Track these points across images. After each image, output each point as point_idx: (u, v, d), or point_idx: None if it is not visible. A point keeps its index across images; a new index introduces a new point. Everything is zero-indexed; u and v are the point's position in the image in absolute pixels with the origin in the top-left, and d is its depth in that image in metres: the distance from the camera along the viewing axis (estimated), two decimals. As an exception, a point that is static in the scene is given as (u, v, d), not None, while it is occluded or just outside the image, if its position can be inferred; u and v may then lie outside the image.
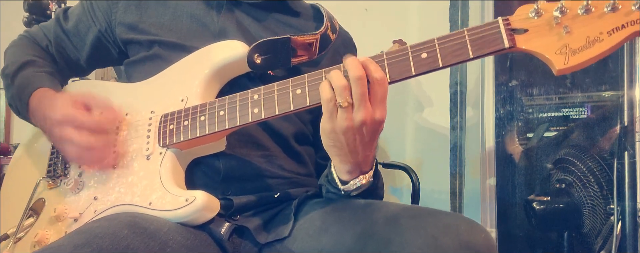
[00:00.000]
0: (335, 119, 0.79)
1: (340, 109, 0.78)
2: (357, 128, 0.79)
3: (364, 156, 0.83)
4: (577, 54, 0.71)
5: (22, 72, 1.06)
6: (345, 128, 0.78)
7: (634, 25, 0.69)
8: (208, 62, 0.96)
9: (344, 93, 0.77)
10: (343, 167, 0.85)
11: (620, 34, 0.70)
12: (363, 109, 0.78)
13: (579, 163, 1.54)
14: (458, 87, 1.86)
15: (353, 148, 0.81)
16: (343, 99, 0.77)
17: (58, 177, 1.01)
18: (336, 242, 0.82)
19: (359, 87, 0.77)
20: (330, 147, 0.83)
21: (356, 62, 0.79)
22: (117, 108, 0.97)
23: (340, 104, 0.78)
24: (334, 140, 0.81)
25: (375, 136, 0.82)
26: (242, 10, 1.08)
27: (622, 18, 0.70)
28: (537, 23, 0.75)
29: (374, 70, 0.78)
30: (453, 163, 1.86)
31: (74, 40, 1.13)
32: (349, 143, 0.80)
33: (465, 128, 1.88)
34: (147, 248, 0.76)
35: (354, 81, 0.77)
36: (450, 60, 0.78)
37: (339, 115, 0.78)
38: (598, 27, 0.71)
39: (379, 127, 0.80)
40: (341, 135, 0.79)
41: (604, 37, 0.70)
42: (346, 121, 0.78)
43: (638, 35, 0.70)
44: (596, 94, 1.62)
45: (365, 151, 0.82)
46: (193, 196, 0.86)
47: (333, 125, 0.79)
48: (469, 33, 0.78)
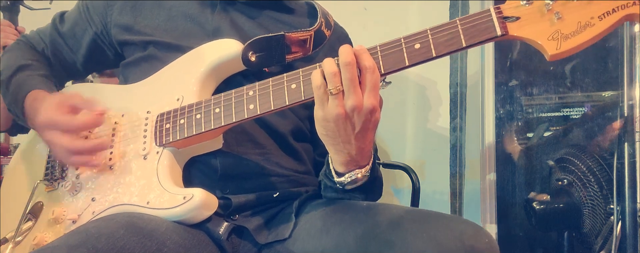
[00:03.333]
0: (327, 105, 0.79)
1: (331, 95, 0.78)
2: (348, 116, 0.79)
3: (359, 148, 0.83)
4: (569, 39, 0.72)
5: (16, 77, 1.06)
6: (336, 115, 0.79)
7: (624, 9, 0.70)
8: (203, 61, 0.96)
9: (334, 79, 0.78)
10: (337, 157, 0.86)
11: (611, 18, 0.70)
12: (353, 96, 0.78)
13: (579, 163, 1.53)
14: (458, 87, 1.85)
15: (346, 138, 0.81)
16: (333, 86, 0.78)
17: (56, 179, 1.01)
18: (338, 243, 0.82)
19: (348, 72, 0.77)
20: (324, 136, 0.84)
21: (348, 49, 0.79)
22: (105, 108, 0.96)
23: (331, 91, 0.78)
24: (326, 128, 0.82)
25: (368, 126, 0.81)
26: (236, 9, 1.08)
27: (612, 2, 0.70)
28: (528, 10, 0.75)
29: (364, 59, 0.79)
30: (453, 164, 1.86)
31: (70, 42, 1.14)
32: (340, 132, 0.81)
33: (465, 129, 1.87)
34: (144, 248, 0.76)
35: (343, 66, 0.78)
36: (443, 50, 0.79)
37: (330, 102, 0.79)
38: (589, 12, 0.71)
39: (371, 116, 0.80)
40: (332, 122, 0.80)
41: (595, 21, 0.71)
42: (337, 108, 0.78)
43: (633, 19, 0.70)
44: (596, 93, 1.61)
45: (359, 143, 0.82)
46: (191, 194, 0.86)
47: (324, 112, 0.80)
48: (461, 22, 0.78)
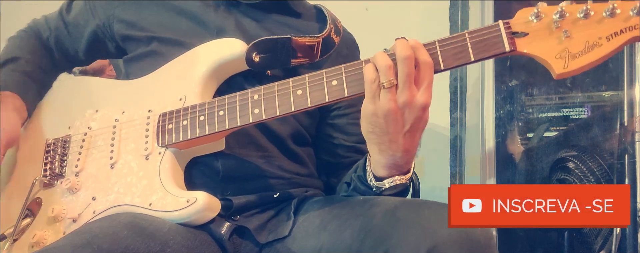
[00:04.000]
0: (378, 100, 0.77)
1: (384, 89, 0.76)
2: (400, 112, 0.77)
3: (405, 149, 0.80)
4: (577, 58, 0.72)
5: (2, 69, 1.06)
6: (388, 110, 0.76)
7: (632, 31, 0.70)
8: (206, 59, 0.96)
9: (389, 72, 0.76)
10: (381, 158, 0.82)
11: (619, 39, 0.70)
12: (407, 91, 0.76)
13: (579, 163, 1.53)
14: (458, 86, 1.86)
15: (394, 137, 0.79)
16: (387, 79, 0.76)
17: (54, 176, 1.00)
18: (335, 239, 0.82)
19: (406, 66, 0.75)
20: (369, 133, 0.81)
21: (405, 43, 0.77)
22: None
23: (384, 85, 0.76)
24: (374, 124, 0.79)
25: (418, 125, 0.79)
26: (240, 11, 1.07)
27: (620, 23, 0.70)
28: (537, 26, 0.75)
29: (423, 54, 0.77)
30: (453, 163, 1.86)
31: (73, 31, 1.14)
32: (389, 129, 0.78)
33: (465, 128, 1.87)
34: (147, 248, 0.76)
35: (401, 60, 0.76)
36: (452, 63, 0.78)
37: (382, 96, 0.77)
38: (597, 32, 0.71)
39: (422, 114, 0.78)
40: (382, 118, 0.77)
41: (603, 42, 0.71)
42: (389, 102, 0.76)
43: (636, 40, 0.70)
44: (596, 94, 1.62)
45: (406, 142, 0.80)
46: (194, 197, 0.86)
47: (375, 106, 0.77)
48: (470, 36, 0.78)
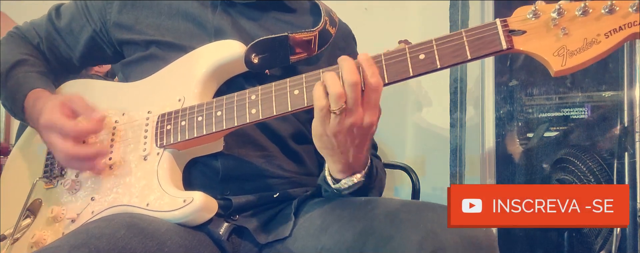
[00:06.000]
0: (328, 123, 0.79)
1: (334, 114, 0.78)
2: (349, 131, 0.79)
3: (355, 158, 0.84)
4: (575, 55, 0.71)
5: (13, 72, 1.05)
6: (337, 132, 0.79)
7: (631, 28, 0.69)
8: (205, 62, 0.96)
9: (340, 101, 0.77)
10: (335, 166, 0.87)
11: (618, 36, 0.70)
12: (354, 114, 0.78)
13: (579, 163, 1.53)
14: (458, 86, 1.86)
15: (344, 150, 0.82)
16: (337, 107, 0.77)
17: (55, 177, 1.00)
18: (337, 240, 0.81)
19: (353, 92, 0.77)
20: (322, 149, 0.84)
21: (352, 66, 0.78)
22: (104, 115, 0.95)
23: (335, 112, 0.77)
24: (325, 143, 0.83)
25: (365, 138, 0.82)
26: (237, 11, 1.06)
27: (619, 20, 0.70)
28: (535, 24, 0.75)
29: (370, 75, 0.78)
30: (453, 164, 1.86)
31: (67, 38, 1.12)
32: (340, 145, 0.81)
33: (465, 128, 1.88)
34: (145, 248, 0.76)
35: (348, 86, 0.77)
36: (448, 62, 0.78)
37: (332, 119, 0.79)
38: (595, 29, 0.71)
39: (368, 130, 0.81)
40: (332, 138, 0.80)
41: (601, 39, 0.70)
42: (338, 125, 0.79)
43: (636, 37, 0.69)
44: (596, 94, 1.62)
45: (356, 153, 0.83)
46: (191, 197, 0.86)
47: (324, 128, 0.80)
48: (467, 34, 0.77)
